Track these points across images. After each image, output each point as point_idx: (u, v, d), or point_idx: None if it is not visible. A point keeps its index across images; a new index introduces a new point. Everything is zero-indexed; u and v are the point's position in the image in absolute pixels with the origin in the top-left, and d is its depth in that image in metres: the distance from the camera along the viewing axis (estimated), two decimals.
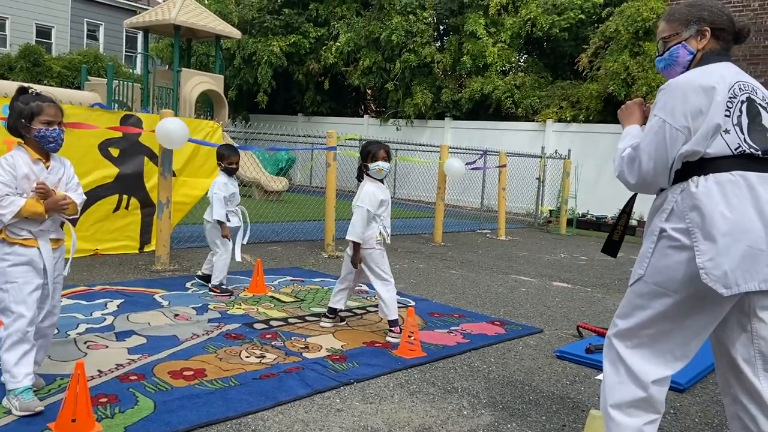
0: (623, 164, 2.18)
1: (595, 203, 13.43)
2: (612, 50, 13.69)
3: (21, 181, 2.66)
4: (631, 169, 2.16)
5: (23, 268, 2.68)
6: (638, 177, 2.15)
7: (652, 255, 2.13)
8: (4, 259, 2.67)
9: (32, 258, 2.70)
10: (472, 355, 3.96)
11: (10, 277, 2.66)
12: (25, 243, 2.69)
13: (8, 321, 2.66)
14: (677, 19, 2.27)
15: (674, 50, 2.27)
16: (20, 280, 2.67)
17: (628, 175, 2.17)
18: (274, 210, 10.82)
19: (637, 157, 2.13)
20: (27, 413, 2.59)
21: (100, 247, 6.30)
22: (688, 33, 2.24)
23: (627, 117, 2.38)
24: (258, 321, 4.34)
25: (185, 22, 12.66)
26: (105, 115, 6.10)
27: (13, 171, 2.64)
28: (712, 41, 2.22)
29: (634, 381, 2.16)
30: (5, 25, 23.57)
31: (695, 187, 2.04)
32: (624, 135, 2.30)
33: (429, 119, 17.34)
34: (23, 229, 2.68)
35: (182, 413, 2.74)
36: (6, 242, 2.67)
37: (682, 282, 2.05)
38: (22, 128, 2.71)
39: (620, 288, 6.71)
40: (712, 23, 2.20)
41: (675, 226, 2.07)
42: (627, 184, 2.21)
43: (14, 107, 2.72)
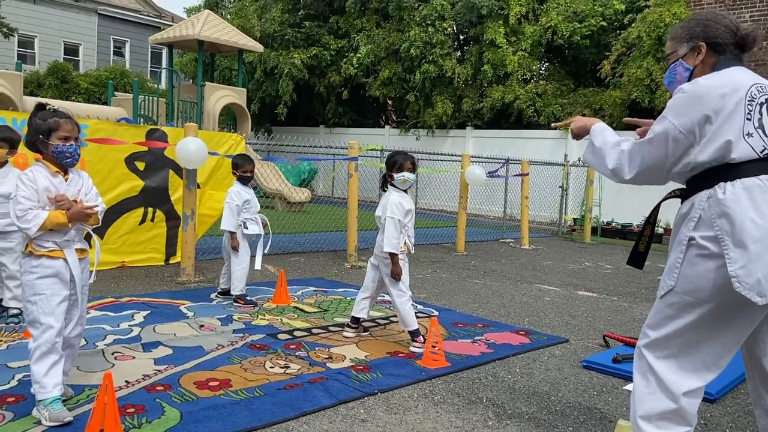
0: (623, 157, 2.21)
1: (620, 211, 13.26)
2: (635, 56, 13.57)
3: (42, 195, 2.72)
4: (631, 164, 2.19)
5: (51, 279, 2.73)
6: (636, 172, 2.18)
7: (681, 265, 2.10)
8: (32, 272, 2.72)
9: (59, 269, 2.76)
10: (497, 365, 3.92)
11: (38, 289, 2.72)
12: (51, 254, 2.74)
13: (37, 332, 2.71)
14: (674, 37, 2.31)
15: (673, 68, 2.31)
16: (48, 292, 2.72)
17: (626, 169, 2.20)
18: (297, 221, 10.90)
19: (640, 152, 2.16)
20: (56, 423, 2.63)
21: (126, 260, 6.40)
22: (683, 50, 2.27)
23: (586, 120, 2.45)
24: (282, 331, 4.36)
25: (209, 37, 12.87)
26: (131, 129, 6.22)
27: (33, 185, 2.70)
28: (710, 54, 2.21)
29: (664, 392, 2.12)
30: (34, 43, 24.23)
31: (723, 193, 2.01)
32: (599, 130, 2.35)
33: (450, 129, 17.34)
34: (48, 240, 2.73)
35: (208, 424, 2.76)
36: (33, 255, 2.72)
37: (713, 291, 2.01)
38: (40, 144, 2.76)
39: (647, 297, 6.60)
40: (707, 38, 2.20)
41: (703, 234, 2.04)
42: (619, 178, 2.24)
43: (32, 123, 2.78)
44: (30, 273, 2.72)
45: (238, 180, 5.20)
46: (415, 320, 4.13)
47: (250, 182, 5.30)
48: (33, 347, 2.70)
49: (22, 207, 2.65)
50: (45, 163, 2.78)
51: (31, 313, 2.72)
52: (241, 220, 5.11)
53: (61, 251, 2.76)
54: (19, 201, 2.65)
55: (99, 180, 5.85)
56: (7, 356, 3.51)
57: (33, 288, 2.72)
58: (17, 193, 2.66)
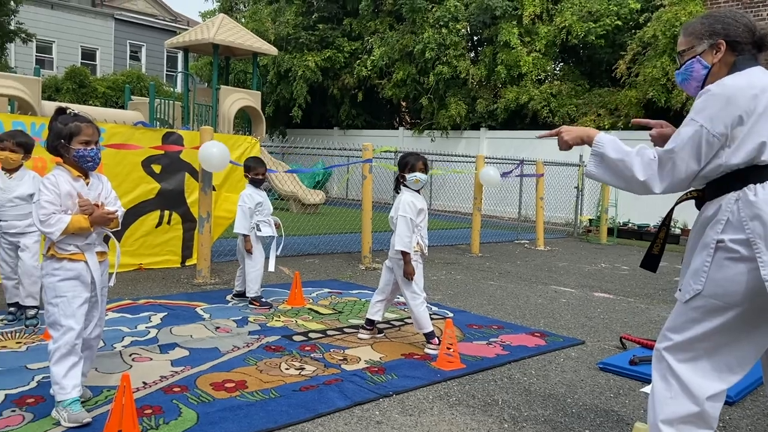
0: (654, 167, 2.09)
1: (637, 212, 13.13)
2: (650, 56, 13.45)
3: (64, 199, 2.75)
4: (662, 173, 2.08)
5: (72, 282, 2.77)
6: (669, 182, 2.08)
7: (709, 268, 2.05)
8: (54, 275, 2.76)
9: (80, 272, 2.79)
10: (512, 367, 3.91)
11: (59, 292, 2.75)
12: (73, 257, 2.77)
13: (57, 334, 2.74)
14: (691, 33, 2.22)
15: (689, 65, 2.22)
16: (69, 294, 2.76)
17: (658, 180, 2.09)
18: (312, 223, 10.93)
19: (671, 160, 2.06)
20: (75, 425, 2.66)
21: (143, 262, 6.46)
22: (702, 47, 2.18)
23: (579, 130, 2.32)
24: (297, 333, 4.38)
25: (223, 41, 12.96)
26: (148, 133, 6.28)
27: (56, 189, 2.73)
28: (729, 53, 2.14)
29: (687, 396, 2.09)
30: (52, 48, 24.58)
31: (754, 195, 1.97)
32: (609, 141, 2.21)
33: (464, 130, 17.30)
34: (70, 244, 2.77)
35: (224, 425, 2.78)
36: (55, 258, 2.76)
37: (743, 295, 1.97)
38: (61, 148, 2.79)
39: (664, 298, 6.54)
40: (727, 36, 2.14)
41: (733, 237, 2.00)
42: (648, 190, 2.12)
43: (53, 128, 2.80)
44: (52, 275, 2.76)
45: (251, 182, 5.23)
46: (429, 322, 4.12)
47: (263, 184, 5.33)
48: (53, 349, 2.74)
49: (46, 211, 2.68)
50: (66, 167, 2.81)
51: (53, 314, 2.75)
52: (254, 223, 5.13)
53: (83, 254, 2.80)
54: (43, 205, 2.68)
55: (117, 183, 5.90)
56: (27, 358, 3.56)
57: (55, 290, 2.75)
58: (40, 198, 2.70)
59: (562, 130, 2.36)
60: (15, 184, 4.16)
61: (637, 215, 13.14)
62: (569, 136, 2.34)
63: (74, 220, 2.72)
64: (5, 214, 4.16)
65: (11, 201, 4.14)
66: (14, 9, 16.48)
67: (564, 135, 2.35)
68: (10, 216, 4.16)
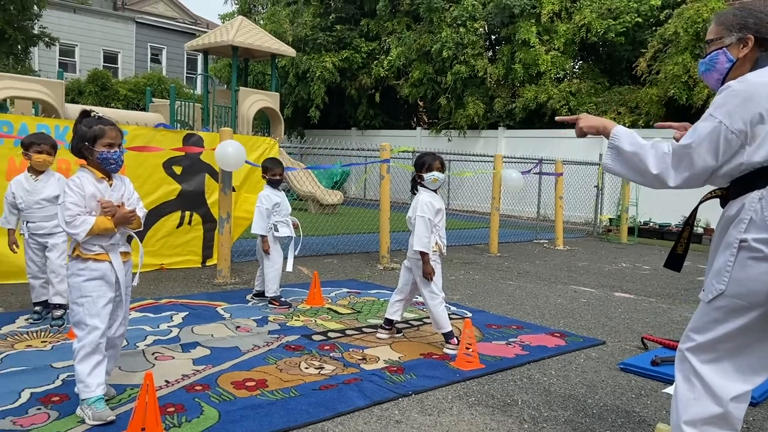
0: (667, 161, 2.07)
1: (658, 211, 12.98)
2: (671, 53, 13.27)
3: (89, 200, 2.80)
4: (678, 168, 2.06)
5: (97, 282, 2.82)
6: (684, 177, 2.05)
7: (732, 268, 2.03)
8: (79, 275, 2.81)
9: (105, 272, 2.84)
10: (532, 368, 3.89)
11: (84, 292, 2.80)
12: (97, 258, 2.82)
13: (82, 333, 2.79)
14: (722, 23, 2.18)
15: (714, 56, 2.19)
16: (94, 294, 2.81)
17: (672, 174, 2.06)
18: (330, 223, 10.97)
19: (688, 155, 2.03)
20: (99, 422, 2.71)
21: (165, 262, 6.54)
22: (730, 39, 2.14)
23: (598, 120, 2.29)
24: (316, 333, 4.41)
25: (242, 43, 13.06)
26: (169, 134, 6.36)
27: (81, 191, 2.78)
28: (755, 49, 2.10)
29: (711, 397, 2.07)
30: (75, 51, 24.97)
31: None
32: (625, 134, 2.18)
33: (482, 129, 17.23)
34: (95, 244, 2.82)
35: (245, 423, 2.80)
36: (80, 258, 2.81)
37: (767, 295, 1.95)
38: (85, 150, 2.84)
39: (686, 298, 6.45)
40: (757, 32, 2.09)
41: (756, 236, 1.97)
42: (662, 184, 2.10)
43: (78, 131, 2.86)
44: (77, 276, 2.81)
45: (268, 183, 5.27)
46: (448, 322, 4.12)
47: (281, 185, 5.36)
48: (77, 347, 2.79)
49: (71, 213, 2.74)
50: (90, 169, 2.86)
51: (78, 314, 2.80)
52: (272, 223, 5.17)
53: (107, 254, 2.85)
54: (68, 207, 2.74)
55: (138, 184, 6.00)
56: (52, 356, 3.63)
57: (80, 290, 2.80)
58: (65, 199, 2.75)
59: (581, 117, 2.35)
60: (42, 186, 4.25)
61: (659, 214, 12.98)
62: (585, 124, 2.32)
63: (99, 221, 2.77)
64: (33, 215, 4.25)
65: (38, 203, 4.23)
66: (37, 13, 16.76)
67: (581, 122, 2.34)
68: (37, 217, 4.25)
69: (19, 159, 5.15)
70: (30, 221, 4.26)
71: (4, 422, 2.71)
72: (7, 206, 4.29)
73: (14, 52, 16.24)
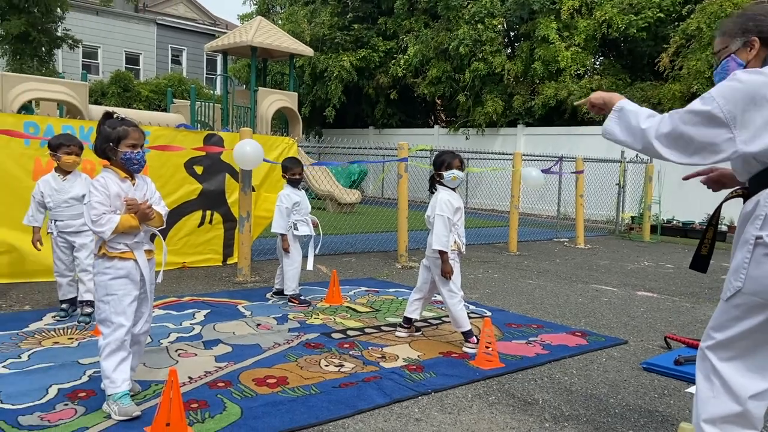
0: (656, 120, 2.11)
1: (681, 208, 12.80)
2: (694, 48, 13.07)
3: (113, 200, 2.85)
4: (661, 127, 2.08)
5: (123, 280, 2.87)
6: (668, 132, 2.07)
7: (749, 265, 2.02)
8: (105, 273, 2.86)
9: (130, 270, 2.89)
10: (553, 367, 3.87)
11: (110, 290, 2.85)
12: (123, 256, 2.87)
13: (108, 330, 2.85)
14: (725, 33, 2.23)
15: (725, 63, 2.22)
16: (120, 292, 2.86)
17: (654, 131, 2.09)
18: (348, 222, 11.01)
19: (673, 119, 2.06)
20: (125, 418, 2.76)
21: (187, 260, 6.62)
22: (735, 45, 2.19)
23: (608, 94, 2.31)
24: (336, 331, 4.43)
25: (261, 43, 13.15)
26: (190, 135, 6.44)
27: (106, 191, 2.84)
28: (763, 49, 2.14)
29: (729, 395, 2.06)
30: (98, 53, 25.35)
31: None
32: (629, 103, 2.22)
33: (500, 127, 17.14)
34: (120, 242, 2.87)
35: (267, 419, 2.84)
36: (106, 257, 2.86)
37: None
38: (109, 151, 2.89)
39: (710, 297, 6.37)
40: (760, 32, 2.14)
41: None
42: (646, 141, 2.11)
43: (102, 131, 2.91)
44: (103, 274, 2.86)
45: (288, 182, 5.31)
46: (467, 321, 4.11)
47: (300, 184, 5.40)
48: (103, 344, 2.84)
49: (97, 212, 2.79)
50: (114, 169, 2.92)
51: (104, 311, 2.85)
52: (292, 222, 5.21)
53: (132, 252, 2.90)
54: (94, 206, 2.79)
55: (161, 184, 6.08)
56: (79, 353, 3.71)
57: (106, 288, 2.85)
58: (91, 199, 2.80)
59: (593, 94, 2.37)
60: (69, 186, 4.36)
61: (682, 212, 12.80)
62: (594, 96, 2.35)
63: (124, 219, 2.82)
64: (61, 214, 4.35)
65: (66, 202, 4.33)
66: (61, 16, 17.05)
67: (591, 96, 2.37)
68: (65, 216, 4.35)
69: (45, 159, 5.25)
70: (58, 219, 4.36)
71: (32, 418, 2.77)
72: (35, 205, 4.39)
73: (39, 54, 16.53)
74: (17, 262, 5.44)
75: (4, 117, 5.51)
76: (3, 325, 4.21)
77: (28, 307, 4.82)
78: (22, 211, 5.16)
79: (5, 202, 5.29)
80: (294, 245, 5.23)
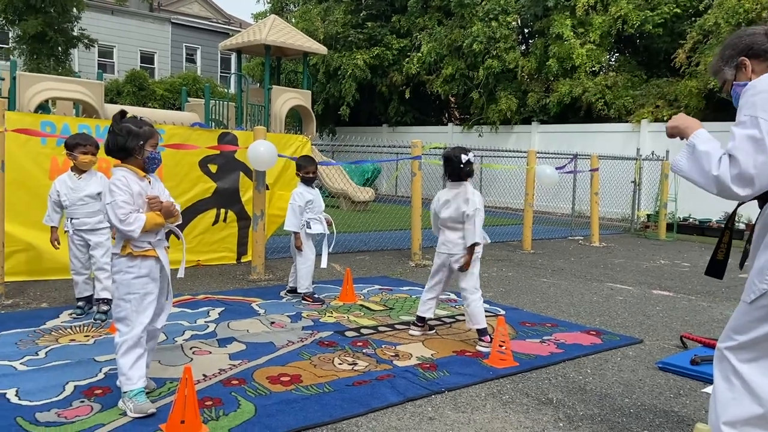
0: (726, 162, 1.97)
1: (698, 206, 12.65)
2: (712, 44, 12.91)
3: (136, 198, 2.88)
4: (739, 180, 1.95)
5: (144, 279, 2.91)
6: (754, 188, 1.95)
7: None
8: (128, 272, 2.89)
9: (151, 268, 2.93)
10: (567, 366, 3.84)
11: (133, 288, 2.88)
12: (146, 254, 2.91)
13: (126, 329, 2.87)
14: (716, 71, 2.30)
15: (733, 93, 2.23)
16: (141, 291, 2.89)
17: (734, 185, 1.96)
18: (362, 220, 11.01)
19: (734, 158, 1.95)
20: (141, 415, 2.78)
21: (201, 259, 6.67)
22: (730, 74, 2.23)
23: (689, 123, 2.18)
24: (349, 329, 4.44)
25: (275, 42, 13.19)
26: (204, 133, 6.47)
27: (129, 190, 2.86)
28: (758, 62, 2.16)
29: (751, 397, 2.03)
30: (113, 53, 25.57)
31: None
32: (705, 135, 2.10)
33: (514, 124, 17.05)
34: (144, 241, 2.90)
35: (281, 417, 2.85)
36: (130, 256, 2.89)
37: None
38: (137, 150, 2.90)
39: (728, 296, 6.29)
40: (741, 52, 2.18)
41: None
42: (721, 186, 1.97)
43: (129, 130, 2.89)
44: (126, 273, 2.88)
45: (302, 181, 5.32)
46: (485, 319, 4.10)
47: (314, 182, 5.41)
48: (120, 341, 2.86)
49: (124, 211, 2.81)
50: (132, 168, 2.93)
51: (124, 310, 2.87)
52: (305, 220, 5.22)
53: (154, 250, 2.93)
54: (120, 205, 2.81)
55: (176, 182, 6.13)
56: (95, 350, 3.74)
57: (128, 287, 2.88)
58: (116, 198, 2.81)
59: (670, 123, 2.27)
60: (84, 184, 4.40)
61: (699, 210, 12.65)
62: (670, 123, 2.26)
63: (150, 217, 2.87)
64: (77, 212, 4.40)
65: (81, 200, 4.39)
66: (77, 16, 17.22)
67: (670, 121, 2.28)
68: (81, 213, 4.40)
69: (61, 158, 5.31)
70: (74, 218, 4.41)
71: (49, 414, 2.81)
72: (51, 204, 4.44)
73: (55, 54, 16.71)
74: (34, 260, 5.51)
75: (22, 116, 5.57)
76: (21, 323, 4.27)
77: (45, 304, 4.88)
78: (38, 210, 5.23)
79: (22, 201, 5.35)
80: (307, 243, 5.24)
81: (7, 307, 4.74)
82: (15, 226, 5.28)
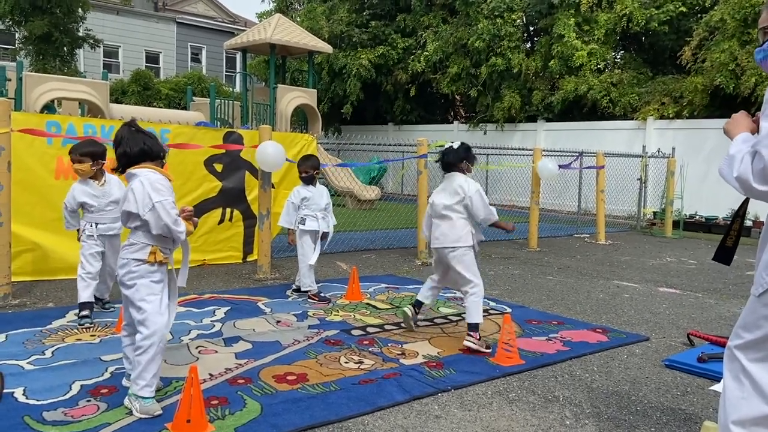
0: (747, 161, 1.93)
1: (704, 203, 12.60)
2: (718, 40, 12.83)
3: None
4: (762, 176, 1.90)
5: (162, 283, 2.96)
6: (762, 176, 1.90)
7: None
8: (149, 276, 2.91)
9: (164, 272, 2.97)
10: (573, 364, 3.83)
11: (155, 290, 2.92)
12: (164, 260, 2.95)
13: (148, 331, 2.85)
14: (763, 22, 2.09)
15: None
16: (161, 293, 2.94)
17: (755, 182, 1.91)
18: (368, 218, 11.01)
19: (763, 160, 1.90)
20: (146, 415, 2.79)
21: (207, 258, 6.68)
22: None
23: (735, 126, 2.14)
24: (355, 327, 4.43)
25: (280, 41, 13.19)
26: (210, 132, 6.48)
27: (171, 192, 2.92)
28: None
29: (761, 397, 2.01)
30: (118, 52, 25.65)
31: None
32: (735, 142, 2.05)
33: (519, 122, 17.00)
34: (166, 247, 2.95)
35: (287, 416, 2.85)
36: (156, 260, 2.90)
37: None
38: (164, 154, 3.00)
39: (735, 293, 6.25)
40: None
41: None
42: (745, 185, 1.94)
43: (151, 134, 2.97)
44: (148, 276, 2.91)
45: (301, 179, 5.35)
46: (480, 314, 4.00)
47: (315, 181, 5.41)
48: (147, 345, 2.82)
49: (176, 212, 2.88)
50: (161, 172, 2.97)
51: (146, 311, 2.87)
52: (300, 217, 5.23)
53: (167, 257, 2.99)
54: (173, 206, 2.87)
55: (182, 182, 6.14)
56: (101, 349, 3.75)
57: (150, 288, 2.90)
58: (164, 200, 2.84)
59: (732, 117, 2.20)
60: (108, 190, 4.46)
61: (705, 207, 12.60)
62: (726, 124, 2.18)
63: (187, 224, 2.94)
64: (104, 217, 4.45)
65: (109, 205, 4.44)
66: (82, 16, 17.28)
67: (726, 125, 2.20)
68: (108, 219, 4.45)
69: (67, 159, 5.31)
70: (100, 223, 4.43)
71: (56, 413, 2.82)
72: (67, 213, 4.44)
73: (61, 54, 16.78)
74: (41, 259, 5.53)
75: (28, 117, 5.59)
76: (27, 322, 4.29)
77: (52, 304, 4.90)
78: (45, 210, 5.24)
79: (29, 201, 5.37)
80: (304, 240, 5.23)
81: (14, 306, 4.76)
82: (21, 226, 5.30)
